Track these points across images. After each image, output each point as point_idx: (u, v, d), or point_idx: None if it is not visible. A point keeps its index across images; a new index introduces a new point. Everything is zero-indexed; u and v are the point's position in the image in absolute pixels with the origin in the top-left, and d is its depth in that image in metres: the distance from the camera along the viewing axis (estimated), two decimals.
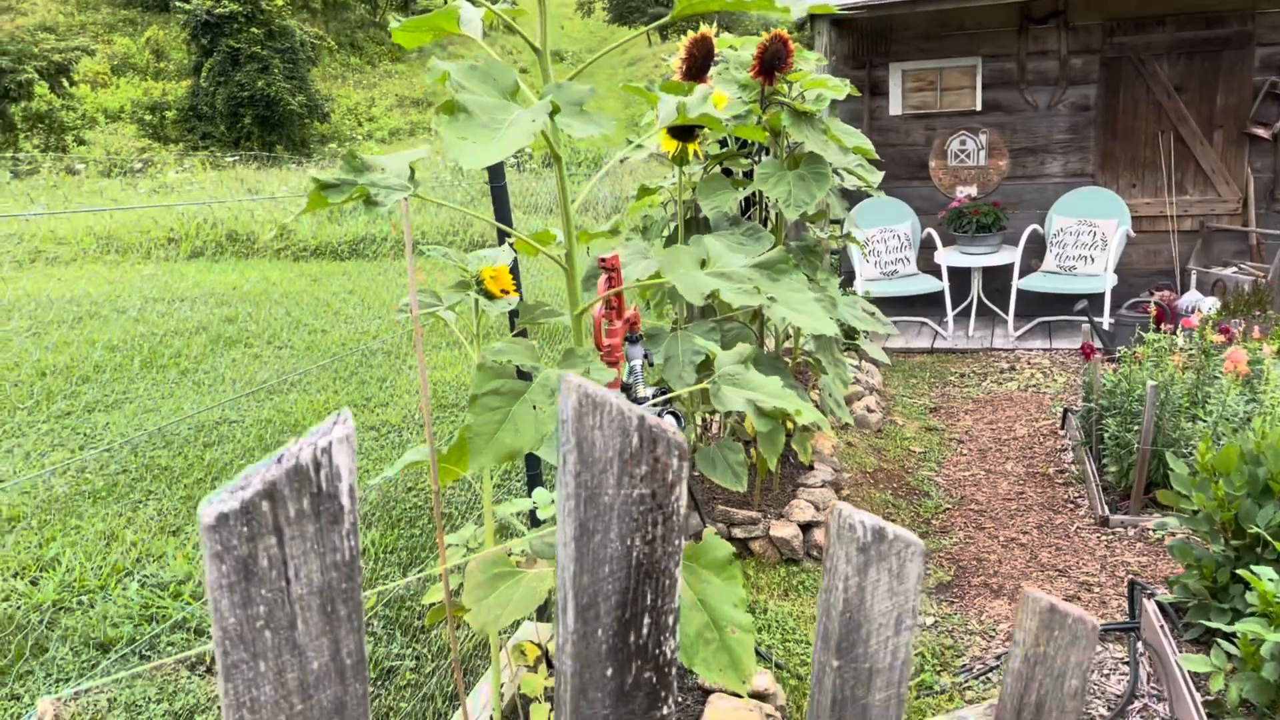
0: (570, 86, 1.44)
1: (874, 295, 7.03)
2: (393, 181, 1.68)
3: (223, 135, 28.38)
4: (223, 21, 28.74)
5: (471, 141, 1.31)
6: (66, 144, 23.30)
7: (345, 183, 1.63)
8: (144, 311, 7.97)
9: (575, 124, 1.39)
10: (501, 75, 1.47)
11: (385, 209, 1.63)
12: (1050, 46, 7.14)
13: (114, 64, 35.59)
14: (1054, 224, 7.15)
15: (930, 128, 7.61)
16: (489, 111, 1.37)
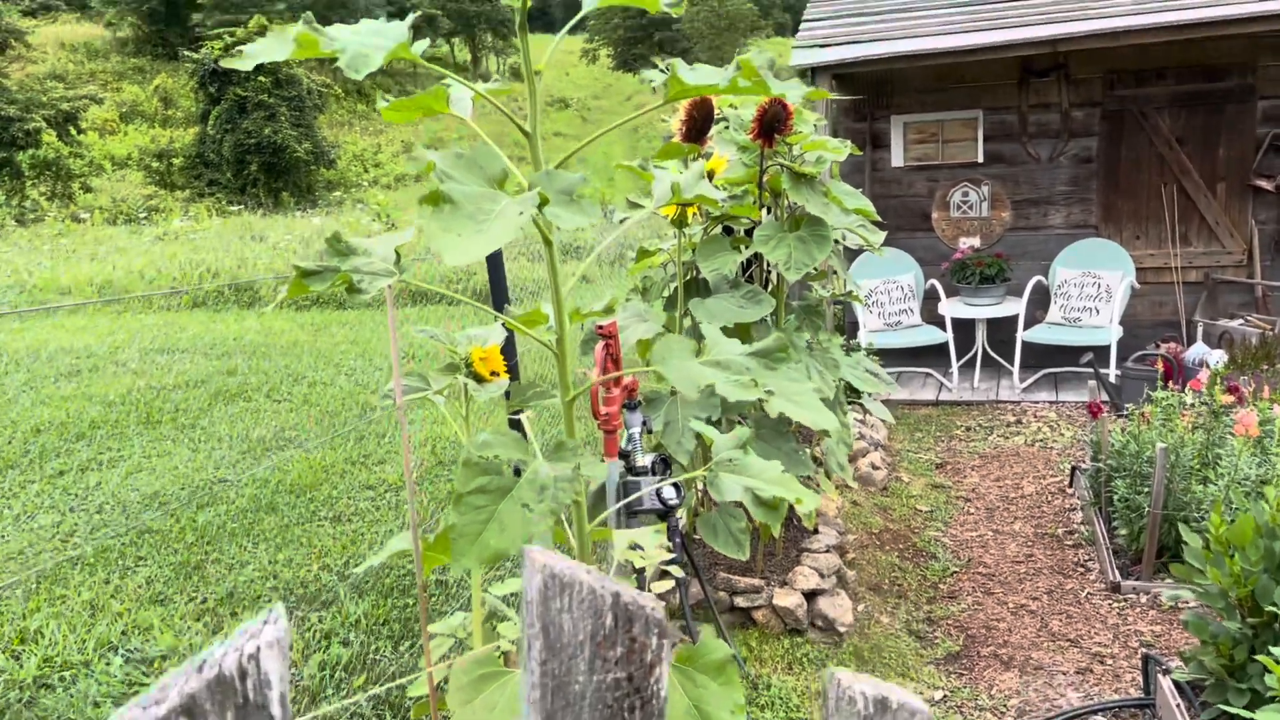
0: (559, 175, 1.39)
1: (878, 347, 6.97)
2: (378, 266, 1.63)
3: (229, 182, 28.54)
4: (231, 70, 29.03)
5: (456, 234, 1.25)
6: (73, 191, 23.44)
7: (327, 269, 1.57)
8: (143, 364, 7.93)
9: (564, 214, 1.34)
10: (489, 162, 1.42)
11: (369, 296, 1.57)
12: (1051, 99, 7.14)
13: (122, 111, 35.97)
14: (1058, 275, 7.11)
15: (932, 179, 7.60)
16: (475, 201, 1.32)
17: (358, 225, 17.31)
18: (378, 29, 1.54)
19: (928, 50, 6.58)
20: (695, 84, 1.48)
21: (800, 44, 7.16)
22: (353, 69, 1.39)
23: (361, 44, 1.44)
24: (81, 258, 13.86)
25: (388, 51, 1.43)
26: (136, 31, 45.53)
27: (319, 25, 1.46)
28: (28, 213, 21.12)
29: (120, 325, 10.10)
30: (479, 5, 54.10)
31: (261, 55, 1.43)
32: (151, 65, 43.33)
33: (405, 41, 1.44)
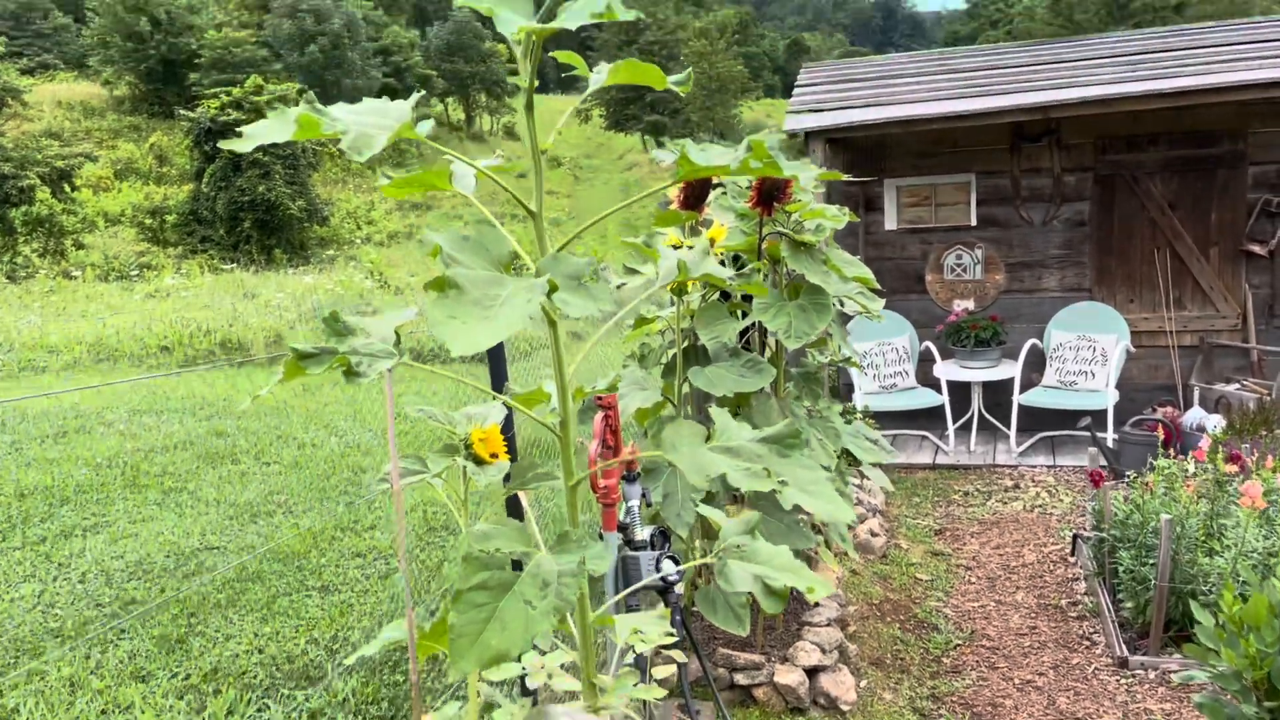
0: (566, 259, 1.35)
1: (873, 409, 6.94)
2: (376, 348, 1.58)
3: (222, 239, 28.61)
4: (226, 128, 29.26)
5: (461, 321, 1.21)
6: (65, 248, 23.45)
7: (325, 351, 1.52)
8: (131, 425, 7.84)
9: (573, 300, 1.29)
10: (495, 244, 1.38)
11: (368, 379, 1.52)
12: (1043, 164, 7.20)
13: (117, 169, 36.18)
14: (1053, 339, 7.11)
15: (926, 242, 7.62)
16: (481, 286, 1.28)
17: (350, 283, 17.32)
18: (380, 108, 1.51)
19: (921, 116, 6.64)
20: (706, 165, 1.45)
21: (794, 109, 7.22)
22: (355, 151, 1.36)
23: (364, 125, 1.41)
24: (72, 315, 13.80)
25: (391, 132, 1.39)
26: (133, 90, 46.01)
27: (320, 105, 1.43)
28: (19, 269, 21.08)
29: None
30: (473, 66, 54.87)
31: (262, 137, 1.39)
32: (147, 123, 43.72)
33: (408, 122, 1.41)
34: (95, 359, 11.23)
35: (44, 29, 55.68)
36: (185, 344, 11.63)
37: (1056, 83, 6.61)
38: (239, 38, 45.77)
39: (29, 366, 10.81)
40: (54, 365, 10.98)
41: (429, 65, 54.54)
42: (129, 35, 44.42)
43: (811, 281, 3.45)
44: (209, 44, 44.55)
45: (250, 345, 11.72)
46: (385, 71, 51.94)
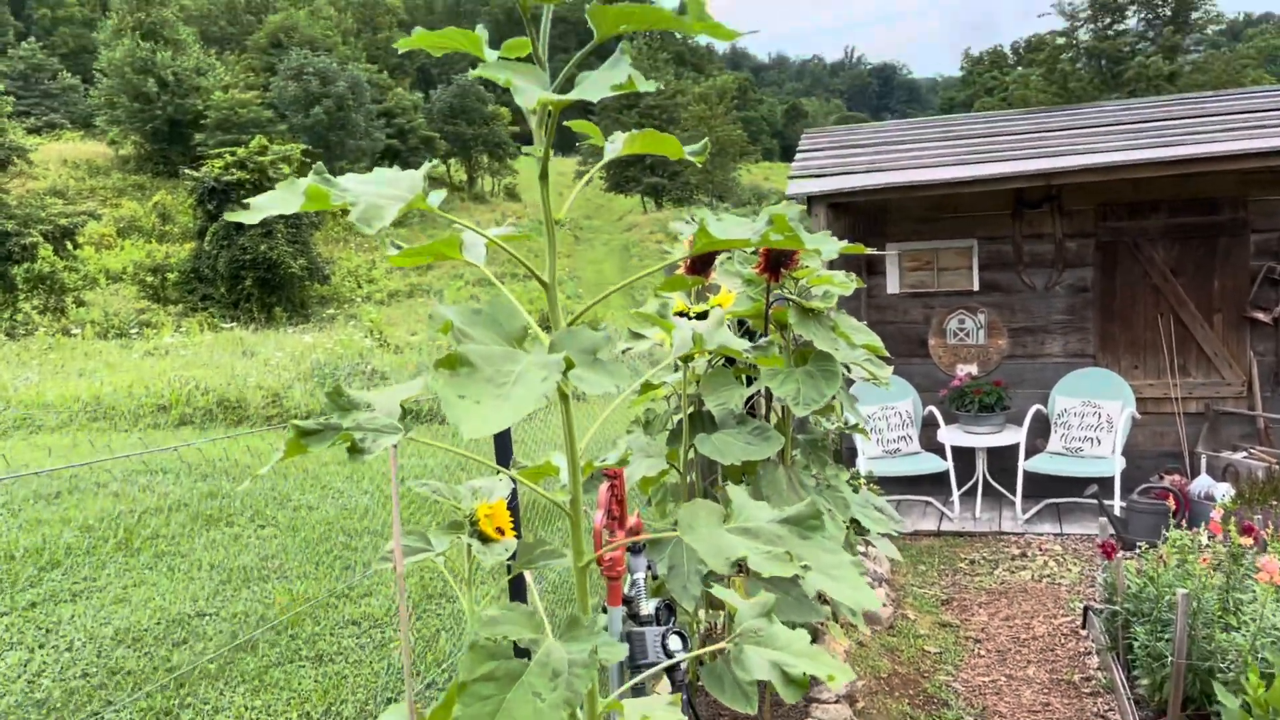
0: (582, 334, 1.31)
1: (877, 474, 6.85)
2: (381, 423, 1.53)
3: (223, 297, 28.68)
4: (230, 188, 29.51)
5: (474, 400, 1.15)
6: (65, 305, 23.47)
7: (328, 428, 1.47)
8: (125, 485, 7.74)
9: (589, 377, 1.24)
10: (508, 318, 1.34)
11: (373, 455, 1.47)
12: (1045, 230, 7.22)
13: (120, 227, 36.39)
14: (1057, 404, 7.05)
15: (928, 306, 7.61)
16: (494, 363, 1.23)
17: (349, 342, 17.29)
18: (391, 178, 1.48)
19: (923, 181, 6.66)
20: (725, 238, 1.41)
21: (796, 174, 7.25)
22: (364, 223, 1.32)
23: (374, 196, 1.37)
24: (70, 373, 13.75)
25: (403, 204, 1.36)
26: (139, 150, 46.48)
27: (329, 175, 1.40)
28: (19, 326, 21.08)
29: (105, 443, 9.92)
30: (475, 128, 55.53)
31: (270, 208, 1.36)
32: (152, 182, 44.10)
33: (420, 194, 1.37)
34: (91, 417, 11.15)
35: (52, 89, 56.44)
36: (182, 402, 11.55)
37: (1058, 150, 6.64)
38: (245, 99, 46.36)
39: (24, 424, 10.73)
40: (50, 423, 10.90)
41: (432, 127, 55.20)
42: (136, 96, 44.98)
43: (820, 348, 3.41)
44: (215, 105, 45.10)
45: (248, 405, 11.65)
46: (389, 133, 52.53)
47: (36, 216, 27.10)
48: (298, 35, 61.61)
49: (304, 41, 59.13)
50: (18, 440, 10.04)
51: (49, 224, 27.22)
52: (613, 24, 1.41)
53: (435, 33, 1.46)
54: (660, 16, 1.38)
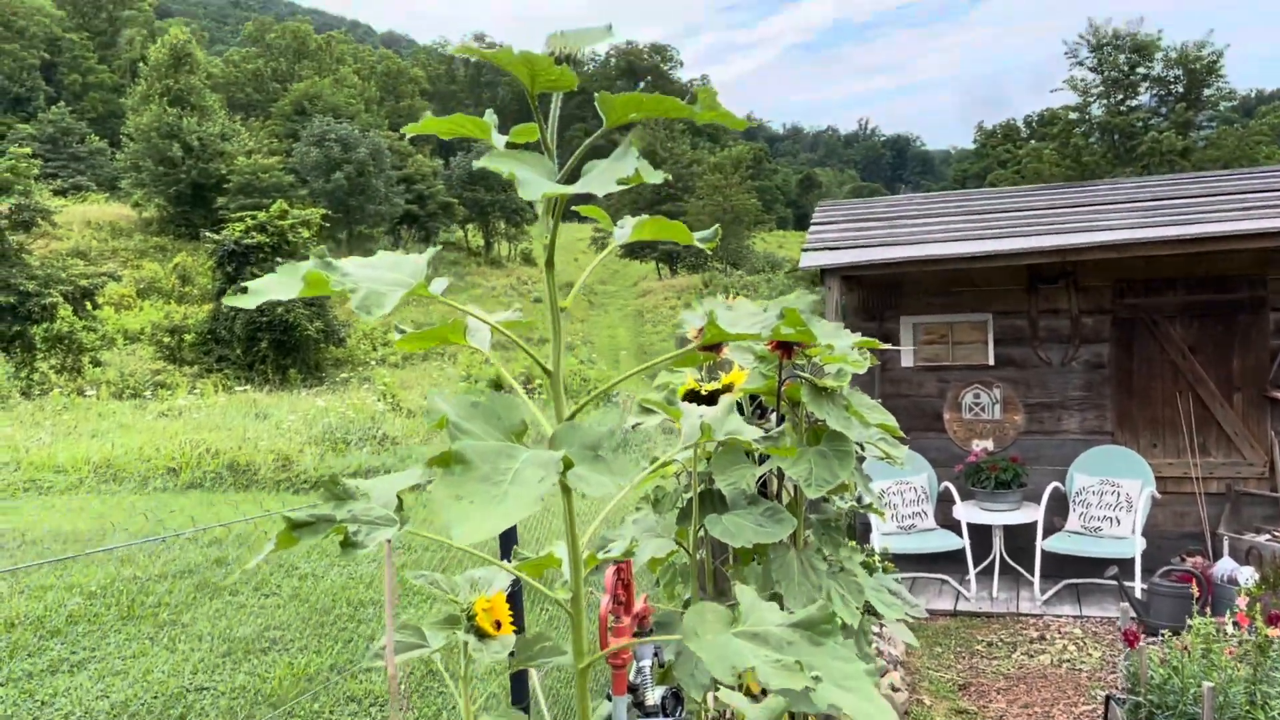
0: (584, 429, 1.26)
1: (892, 551, 6.72)
2: (376, 514, 1.47)
3: (238, 358, 28.80)
4: (249, 251, 29.83)
5: (468, 501, 1.10)
6: (82, 365, 23.62)
7: (321, 519, 1.42)
8: (130, 550, 7.67)
9: (590, 477, 1.19)
10: (507, 411, 1.29)
11: (367, 550, 1.41)
12: (1061, 305, 7.17)
13: (140, 288, 36.79)
14: (1075, 482, 6.94)
15: (943, 380, 7.54)
16: (490, 460, 1.18)
17: (362, 405, 17.29)
18: (395, 262, 1.44)
19: (937, 256, 6.65)
20: (734, 332, 1.37)
21: (810, 246, 7.26)
22: (364, 310, 1.28)
23: (376, 282, 1.34)
24: (82, 434, 13.76)
25: (406, 290, 1.32)
26: (162, 212, 47.22)
27: (331, 260, 1.37)
28: (35, 385, 21.19)
29: (114, 506, 9.87)
30: (493, 194, 56.21)
31: (268, 293, 1.33)
32: (173, 244, 44.70)
33: (422, 281, 1.34)
34: (101, 479, 11.11)
35: (80, 152, 57.59)
36: (193, 465, 11.52)
37: (1073, 226, 6.63)
38: (267, 164, 47.16)
39: (33, 486, 10.70)
40: (59, 485, 10.86)
41: (450, 193, 55.92)
42: (161, 160, 45.83)
43: (833, 427, 3.34)
44: (238, 170, 45.88)
45: (258, 468, 11.61)
46: (408, 199, 53.23)
47: (57, 277, 27.43)
48: (321, 103, 62.90)
49: (327, 109, 60.35)
50: (25, 502, 10.00)
51: (69, 284, 27.54)
52: (622, 112, 1.39)
53: (444, 119, 1.44)
54: (670, 105, 1.36)
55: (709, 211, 52.54)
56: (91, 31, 78.57)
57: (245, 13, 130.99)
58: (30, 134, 56.15)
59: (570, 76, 1.32)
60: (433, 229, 54.86)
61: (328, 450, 12.30)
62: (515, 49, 1.29)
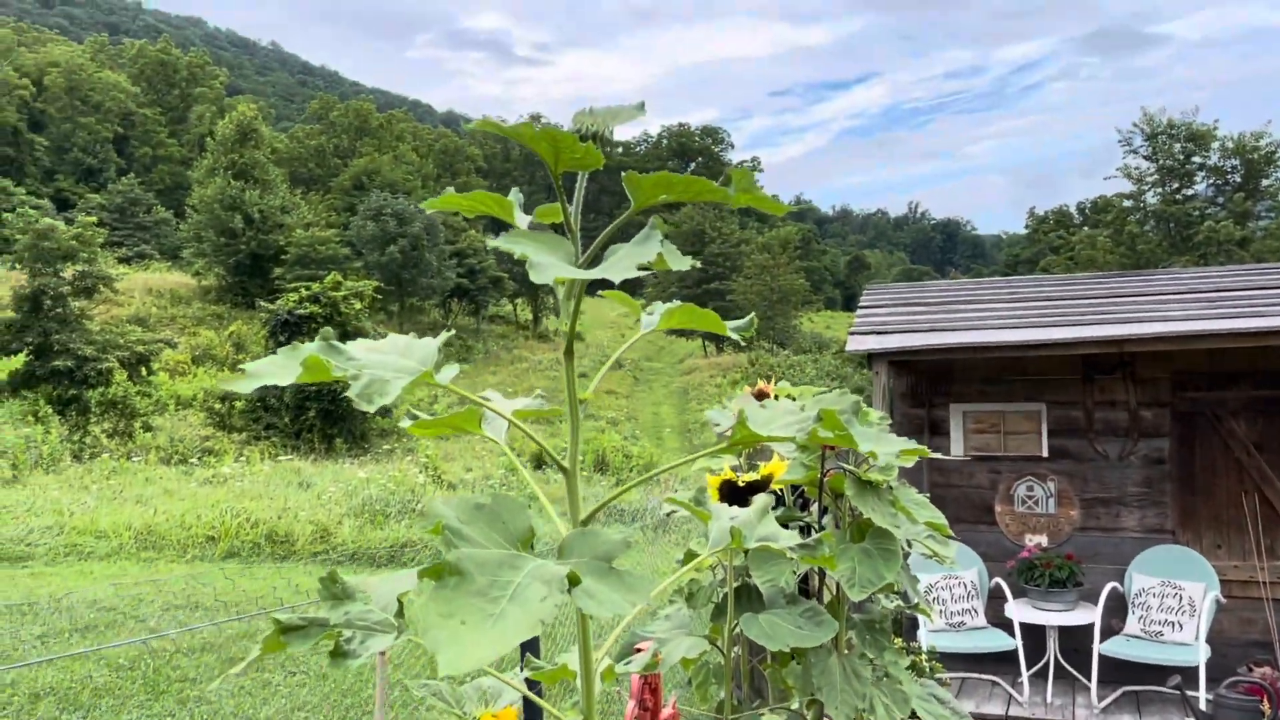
0: (597, 536, 1.14)
1: (940, 650, 6.43)
2: (374, 618, 1.36)
3: (286, 427, 29.10)
4: (302, 321, 30.37)
5: (459, 621, 0.98)
6: (134, 430, 23.99)
7: (313, 623, 1.31)
8: (162, 622, 7.60)
9: (600, 593, 1.06)
10: (514, 516, 1.17)
11: (359, 661, 1.30)
12: (1118, 397, 6.94)
13: (195, 354, 37.51)
14: (1134, 583, 6.62)
15: (995, 471, 7.30)
16: (490, 570, 1.06)
17: (403, 477, 17.27)
18: (405, 347, 1.35)
19: (988, 343, 6.49)
20: (766, 434, 1.25)
21: (857, 330, 7.13)
22: (365, 400, 1.18)
23: (381, 368, 1.25)
24: (127, 499, 13.85)
25: (410, 378, 1.23)
26: (220, 281, 48.37)
27: (338, 343, 1.28)
28: (86, 449, 21.50)
29: (150, 573, 9.85)
30: None
31: (265, 378, 1.23)
32: (230, 313, 45.66)
33: (429, 369, 1.24)
34: (141, 546, 11.13)
35: (145, 222, 59.48)
36: (231, 535, 11.50)
37: (1130, 316, 6.44)
38: (324, 236, 48.23)
39: (74, 551, 10.73)
40: (100, 551, 10.89)
41: (501, 267, 56.66)
42: (223, 231, 47.10)
43: (878, 524, 3.19)
44: (295, 241, 46.96)
45: (295, 539, 11.56)
46: (459, 272, 54.01)
47: (115, 343, 28.06)
48: (379, 178, 64.51)
49: (385, 184, 61.83)
50: (65, 567, 10.01)
51: (126, 350, 28.15)
52: (651, 193, 1.30)
53: (464, 196, 1.36)
54: (702, 187, 1.27)
55: (756, 291, 52.64)
56: (164, 107, 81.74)
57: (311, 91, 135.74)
58: (100, 203, 58.18)
59: (596, 155, 1.24)
60: (482, 302, 55.53)
61: (366, 523, 12.24)
62: (537, 125, 1.21)
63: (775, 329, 52.93)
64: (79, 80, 74.47)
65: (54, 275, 27.70)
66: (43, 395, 25.51)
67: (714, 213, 60.91)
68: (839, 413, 1.24)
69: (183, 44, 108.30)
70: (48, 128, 73.21)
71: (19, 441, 19.19)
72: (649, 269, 1.10)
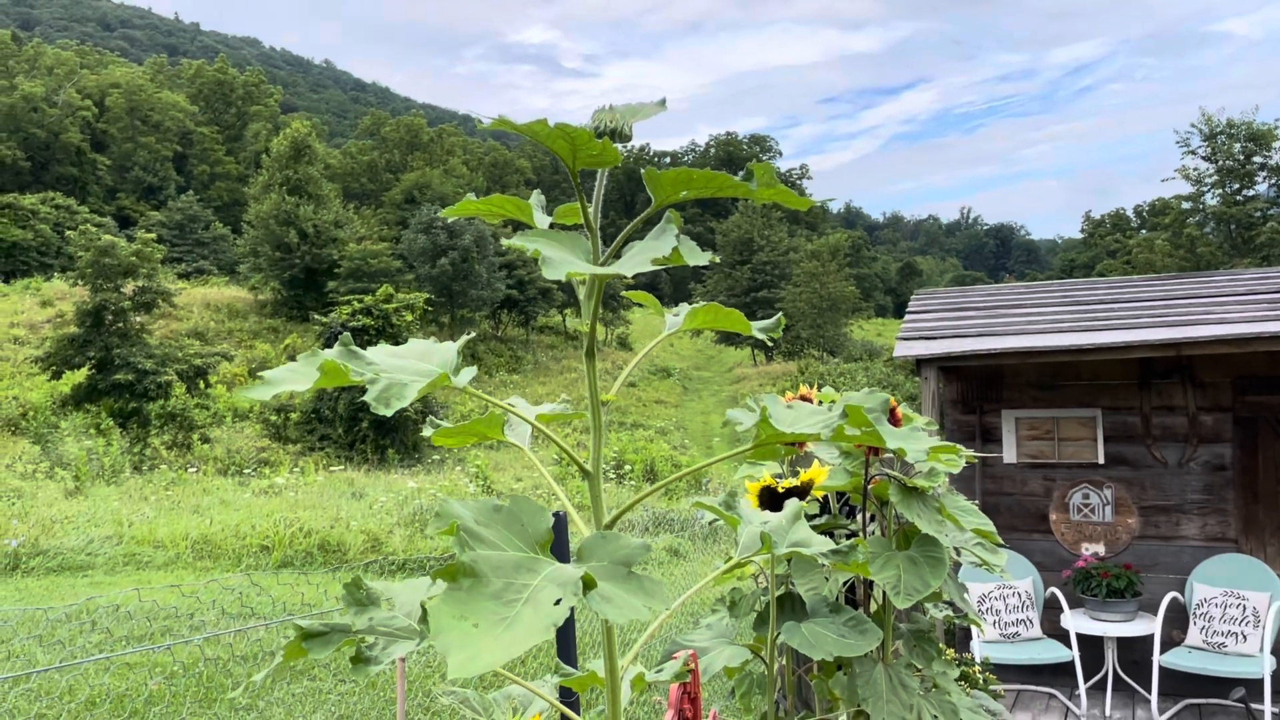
0: (617, 541, 1.11)
1: (993, 661, 6.30)
2: (398, 624, 1.35)
3: (340, 438, 29.47)
4: (355, 333, 30.76)
5: (472, 624, 0.97)
6: (192, 441, 24.48)
7: (335, 630, 1.30)
8: (216, 629, 7.70)
9: (617, 598, 1.04)
10: (533, 518, 1.15)
11: (379, 667, 1.28)
12: (1177, 402, 6.76)
13: (252, 367, 38.18)
14: (1196, 593, 6.43)
15: (1049, 478, 7.15)
16: (505, 573, 1.04)
17: (452, 487, 17.39)
18: (424, 351, 1.34)
19: (1039, 348, 6.35)
20: (791, 432, 1.22)
21: (905, 335, 7.03)
22: (382, 403, 1.17)
23: (399, 372, 1.23)
24: (184, 509, 14.11)
25: (427, 382, 1.22)
26: (276, 295, 49.24)
27: (356, 349, 1.27)
28: (146, 460, 21.96)
29: (206, 583, 10.01)
30: None
31: (283, 384, 1.23)
32: (285, 326, 46.46)
33: (446, 372, 1.23)
34: (197, 555, 11.32)
35: (204, 238, 60.80)
36: (285, 544, 11.66)
37: (1187, 319, 6.27)
38: (376, 250, 48.90)
39: (133, 560, 10.94)
40: (157, 560, 11.09)
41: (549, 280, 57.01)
42: (278, 246, 47.95)
43: (924, 531, 3.12)
44: (349, 255, 47.66)
45: (348, 548, 11.68)
46: (509, 284, 54.41)
47: (174, 356, 28.67)
48: (430, 192, 65.26)
49: (435, 198, 62.51)
50: (124, 576, 10.21)
51: (184, 364, 28.74)
52: (671, 189, 1.28)
53: (482, 201, 1.35)
54: (723, 182, 1.25)
55: (805, 299, 52.29)
56: (221, 125, 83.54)
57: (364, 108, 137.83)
58: (160, 220, 59.60)
59: (614, 152, 1.22)
60: (532, 313, 55.83)
61: (416, 532, 12.33)
62: (552, 121, 1.19)
63: (825, 337, 52.53)
64: (139, 100, 76.41)
65: (115, 291, 28.38)
66: (105, 408, 26.12)
67: (762, 220, 60.70)
68: (866, 410, 1.21)
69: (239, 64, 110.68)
70: (109, 147, 75.20)
71: (81, 454, 19.65)
72: (664, 263, 1.08)
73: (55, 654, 6.78)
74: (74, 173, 71.06)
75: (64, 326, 31.51)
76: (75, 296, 32.03)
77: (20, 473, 19.16)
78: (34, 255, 53.49)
